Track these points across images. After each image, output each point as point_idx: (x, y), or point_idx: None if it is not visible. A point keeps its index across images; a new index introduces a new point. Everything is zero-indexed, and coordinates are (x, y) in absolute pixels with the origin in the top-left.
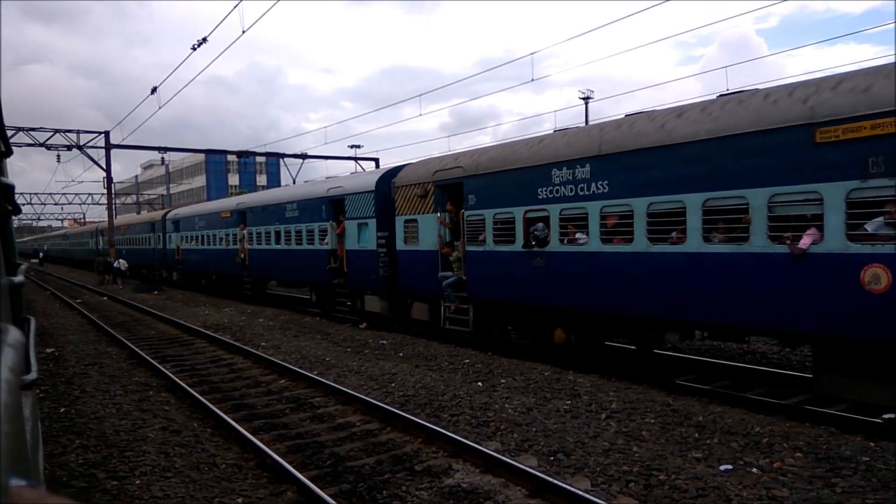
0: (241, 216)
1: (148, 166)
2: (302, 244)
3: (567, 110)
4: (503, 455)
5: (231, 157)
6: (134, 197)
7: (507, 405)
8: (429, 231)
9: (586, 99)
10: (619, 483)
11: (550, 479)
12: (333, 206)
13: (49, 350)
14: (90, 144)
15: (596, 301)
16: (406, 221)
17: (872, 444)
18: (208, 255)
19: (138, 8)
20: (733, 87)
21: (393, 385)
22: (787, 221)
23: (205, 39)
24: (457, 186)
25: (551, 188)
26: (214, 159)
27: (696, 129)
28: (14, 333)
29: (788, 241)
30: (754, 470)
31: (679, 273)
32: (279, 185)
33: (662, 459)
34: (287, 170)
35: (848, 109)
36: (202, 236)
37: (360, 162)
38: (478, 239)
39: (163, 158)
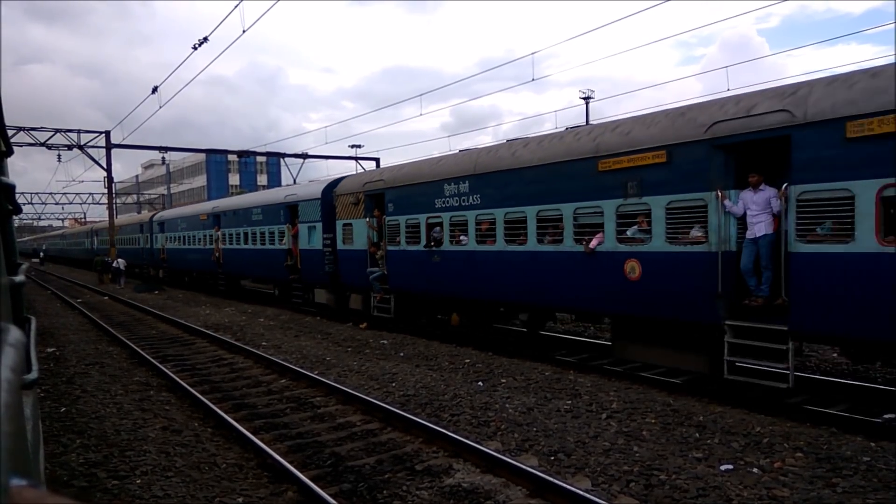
0: (216, 219)
1: (149, 166)
2: (265, 244)
3: (568, 110)
4: (504, 455)
5: (232, 157)
6: (135, 197)
7: (507, 405)
8: (360, 233)
9: (587, 99)
10: (620, 483)
11: (551, 479)
12: (290, 211)
13: (50, 349)
14: (91, 144)
15: (475, 290)
16: (344, 225)
17: (873, 444)
18: (188, 254)
19: (142, 7)
20: (734, 87)
21: (393, 385)
22: (585, 227)
23: (206, 39)
24: (381, 196)
25: (444, 199)
26: (215, 159)
27: (532, 157)
28: (15, 333)
29: (584, 242)
30: (755, 470)
31: (525, 267)
32: (280, 185)
33: (663, 459)
34: (288, 169)
35: (615, 147)
36: (183, 237)
37: (360, 162)
38: (395, 240)
39: (163, 158)
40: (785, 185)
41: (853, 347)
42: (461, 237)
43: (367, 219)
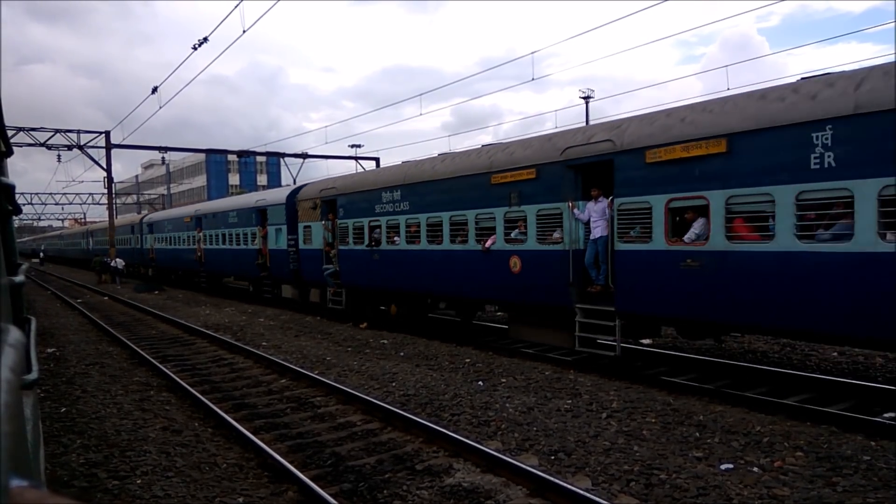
0: (198, 221)
1: (149, 166)
2: (240, 245)
3: (568, 110)
4: (504, 454)
5: (231, 157)
6: (135, 197)
7: (507, 404)
8: (318, 235)
9: (587, 98)
10: (620, 482)
11: (551, 479)
12: (260, 214)
13: (50, 350)
14: (91, 144)
15: (407, 284)
16: (304, 227)
17: (873, 443)
18: (174, 254)
19: (143, 7)
20: (734, 86)
21: (394, 384)
22: (483, 230)
23: (206, 39)
24: (334, 202)
25: (382, 205)
26: (215, 159)
27: (447, 170)
28: (15, 333)
29: (482, 242)
30: (755, 469)
31: (442, 264)
32: (280, 185)
33: (663, 458)
34: (288, 169)
35: (503, 164)
36: (169, 238)
37: (360, 161)
38: (345, 240)
39: (163, 158)
40: (611, 197)
41: (655, 323)
42: (395, 238)
43: (323, 222)
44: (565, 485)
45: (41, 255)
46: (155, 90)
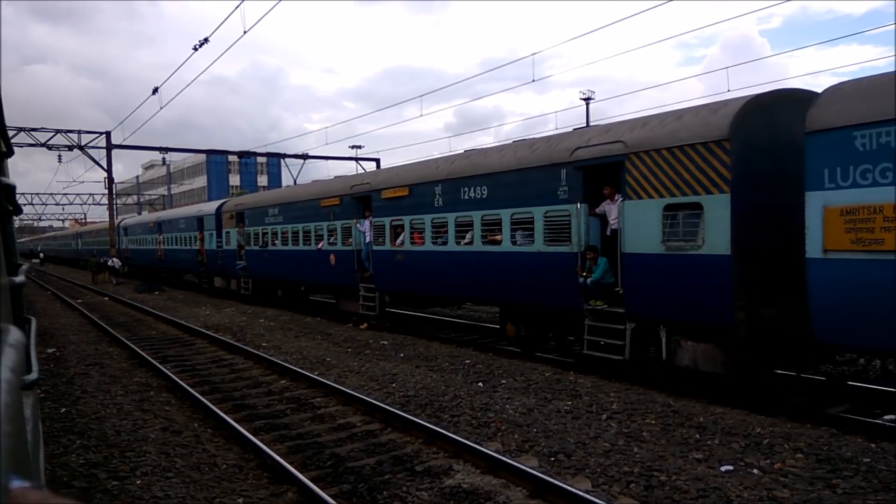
0: (160, 226)
1: (149, 166)
2: (186, 245)
3: (569, 111)
4: (504, 456)
5: (232, 158)
6: (135, 197)
7: (507, 406)
8: (234, 238)
9: (587, 100)
10: (620, 484)
11: (551, 480)
12: (199, 221)
13: (50, 350)
14: (91, 145)
15: (284, 275)
16: (226, 232)
17: (873, 445)
18: (142, 253)
19: (150, 8)
20: (734, 88)
21: (394, 385)
22: (318, 236)
23: (206, 40)
24: (242, 213)
25: (269, 217)
26: (215, 160)
27: (298, 194)
28: (15, 333)
29: (318, 244)
30: (755, 471)
31: (298, 260)
32: (280, 186)
33: (663, 460)
34: (288, 170)
35: (325, 193)
36: (139, 239)
37: (360, 162)
38: (251, 242)
39: (164, 159)
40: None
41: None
42: (275, 241)
43: (237, 228)
44: (565, 486)
45: (41, 255)
46: (156, 91)
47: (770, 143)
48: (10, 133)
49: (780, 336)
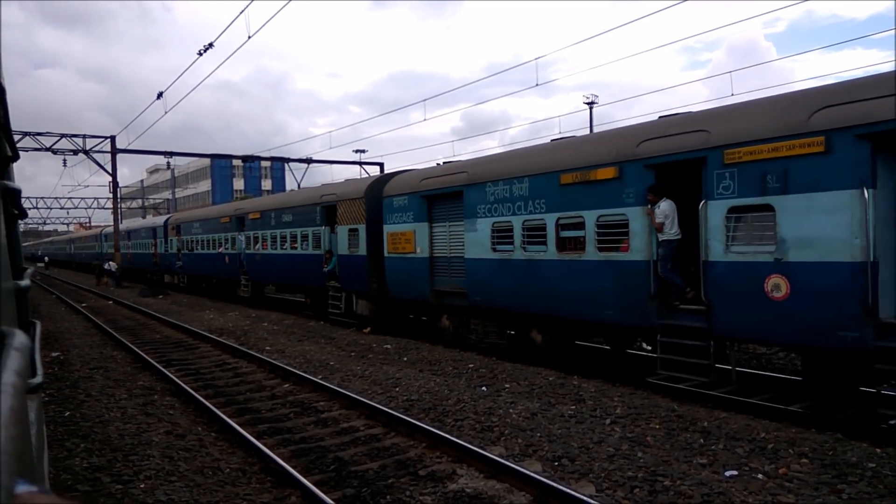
0: (129, 234)
1: (154, 170)
2: (145, 250)
3: (574, 115)
4: (507, 460)
5: (236, 162)
6: (140, 201)
7: (511, 410)
8: (174, 244)
9: (591, 104)
10: (624, 489)
11: (555, 485)
12: (153, 231)
13: (54, 354)
14: (96, 149)
15: (205, 270)
16: (171, 240)
17: (878, 450)
18: (99, 256)
19: (163, 12)
20: (739, 92)
21: (397, 389)
22: (226, 242)
23: (211, 45)
24: (179, 226)
25: (194, 229)
26: (220, 164)
27: (211, 213)
28: (20, 337)
29: (218, 249)
30: (760, 476)
31: (211, 259)
32: (284, 190)
33: (667, 465)
34: (292, 174)
35: (224, 213)
36: (105, 246)
37: (364, 166)
38: (184, 248)
39: (168, 163)
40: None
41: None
42: (197, 247)
43: (177, 237)
44: (569, 491)
45: (46, 259)
46: (160, 95)
47: (375, 200)
48: (16, 137)
49: (380, 296)
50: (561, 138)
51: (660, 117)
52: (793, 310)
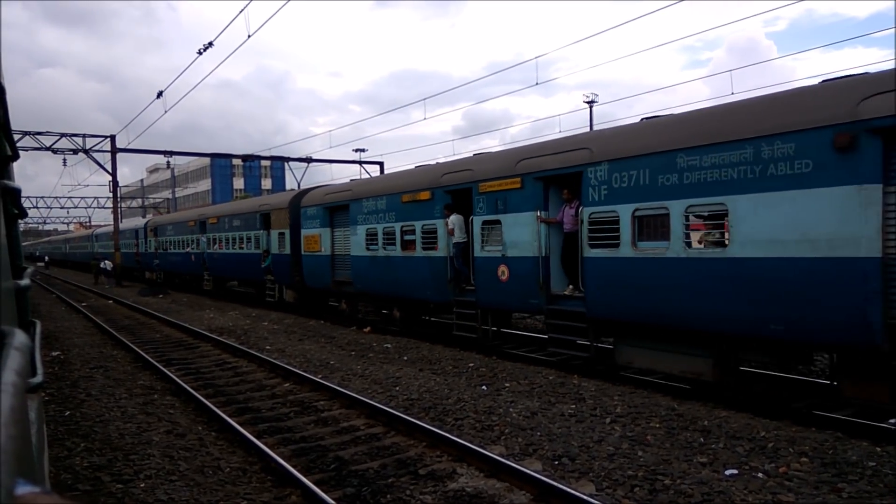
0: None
1: (154, 170)
2: (130, 249)
3: (574, 114)
4: (507, 459)
5: (236, 161)
6: (140, 201)
7: (511, 409)
8: (151, 244)
9: (590, 103)
10: (624, 488)
11: (555, 484)
12: (135, 232)
13: (54, 353)
14: (96, 148)
15: (179, 267)
16: (149, 240)
17: (879, 448)
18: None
19: (168, 11)
20: (739, 91)
21: (397, 389)
22: (193, 243)
23: (210, 44)
24: (155, 229)
25: (169, 232)
26: (220, 163)
27: (181, 217)
28: (20, 336)
29: (188, 247)
30: (760, 475)
31: (172, 257)
32: (284, 189)
33: (667, 464)
34: (292, 173)
35: (190, 218)
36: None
37: (364, 166)
38: (161, 247)
39: (168, 162)
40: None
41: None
42: (170, 247)
43: (154, 238)
44: (569, 490)
45: (46, 259)
46: (160, 94)
47: (296, 210)
48: (16, 137)
49: (300, 286)
50: (406, 170)
51: (452, 160)
52: (510, 287)
